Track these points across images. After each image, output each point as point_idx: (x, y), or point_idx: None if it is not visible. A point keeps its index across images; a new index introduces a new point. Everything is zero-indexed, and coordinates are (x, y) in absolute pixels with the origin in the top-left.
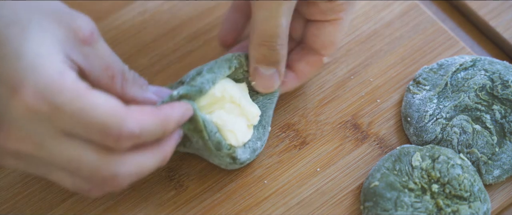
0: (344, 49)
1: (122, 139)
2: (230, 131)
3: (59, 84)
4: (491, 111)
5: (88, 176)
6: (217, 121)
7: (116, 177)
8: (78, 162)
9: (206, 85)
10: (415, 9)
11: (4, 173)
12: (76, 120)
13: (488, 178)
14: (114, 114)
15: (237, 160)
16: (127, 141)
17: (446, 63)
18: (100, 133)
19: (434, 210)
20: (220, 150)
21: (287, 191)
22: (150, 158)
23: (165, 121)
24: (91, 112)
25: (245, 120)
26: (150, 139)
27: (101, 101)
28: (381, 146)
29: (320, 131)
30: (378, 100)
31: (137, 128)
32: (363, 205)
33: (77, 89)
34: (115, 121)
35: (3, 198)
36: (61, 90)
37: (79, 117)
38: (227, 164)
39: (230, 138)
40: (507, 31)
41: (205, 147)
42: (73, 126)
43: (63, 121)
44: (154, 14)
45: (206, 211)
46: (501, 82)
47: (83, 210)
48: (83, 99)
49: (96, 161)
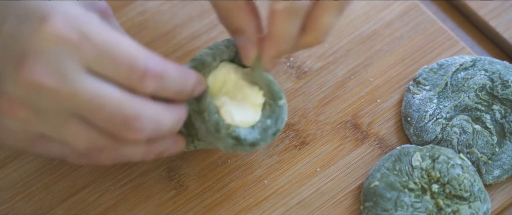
0: (344, 49)
1: (147, 76)
2: (227, 111)
3: (88, 17)
4: (491, 111)
5: (108, 117)
6: (216, 103)
7: (138, 119)
8: (100, 98)
9: (206, 58)
10: (415, 9)
11: (4, 173)
12: (103, 50)
13: (488, 178)
14: (140, 51)
15: (242, 140)
16: (151, 81)
17: (446, 63)
18: (127, 66)
19: (434, 210)
20: (219, 131)
21: (287, 191)
22: (167, 113)
23: (185, 76)
24: (119, 45)
25: (249, 101)
26: (170, 89)
27: (126, 40)
28: (381, 146)
29: (320, 131)
30: (378, 100)
31: (161, 68)
32: (363, 205)
33: (104, 25)
34: (142, 57)
35: (3, 198)
36: (90, 22)
37: (107, 48)
38: (233, 146)
39: (227, 118)
40: (507, 31)
41: (207, 130)
42: (100, 58)
43: (90, 52)
44: (154, 14)
45: (206, 211)
46: (501, 82)
47: (83, 210)
48: (111, 33)
49: (120, 97)
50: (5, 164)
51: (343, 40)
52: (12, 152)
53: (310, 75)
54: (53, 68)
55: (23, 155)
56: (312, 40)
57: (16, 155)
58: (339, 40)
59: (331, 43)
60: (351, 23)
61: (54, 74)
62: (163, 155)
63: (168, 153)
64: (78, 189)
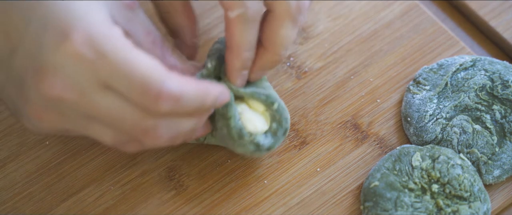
0: (344, 49)
1: (162, 99)
2: (248, 119)
3: (107, 34)
4: (491, 111)
5: (128, 128)
6: (239, 110)
7: (157, 128)
8: (118, 113)
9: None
10: (415, 9)
11: (4, 173)
12: (118, 70)
13: (488, 178)
14: (156, 71)
15: (261, 146)
16: (166, 103)
17: (446, 63)
18: (140, 89)
19: (434, 210)
20: (242, 138)
21: (287, 191)
22: (187, 120)
23: (204, 93)
24: (134, 65)
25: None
26: (188, 108)
27: (145, 59)
28: (381, 146)
29: (320, 131)
30: (378, 100)
31: (177, 90)
32: (363, 205)
33: (123, 43)
34: (157, 78)
35: (3, 198)
36: (108, 40)
37: (122, 68)
38: (252, 152)
39: (249, 126)
40: (507, 31)
41: (228, 135)
42: (115, 77)
43: (106, 70)
44: (154, 14)
45: (206, 211)
46: (501, 82)
47: (83, 210)
48: (128, 52)
49: (136, 112)
50: (5, 164)
51: (343, 40)
52: (12, 152)
53: (310, 75)
54: (71, 83)
55: (23, 155)
56: (272, 56)
57: (16, 155)
58: (339, 40)
59: (331, 43)
60: (351, 23)
61: (73, 89)
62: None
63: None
64: (78, 189)
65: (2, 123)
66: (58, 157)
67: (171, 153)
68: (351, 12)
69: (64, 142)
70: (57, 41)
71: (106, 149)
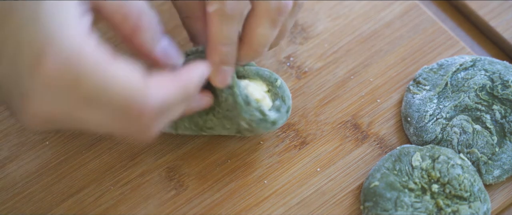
0: (344, 49)
1: (144, 116)
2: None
3: (81, 52)
4: (491, 111)
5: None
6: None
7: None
8: (107, 124)
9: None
10: (415, 9)
11: (4, 173)
12: (97, 91)
13: (488, 178)
14: (135, 87)
15: (267, 116)
16: (149, 116)
17: (446, 63)
18: (121, 109)
19: (434, 210)
20: (249, 104)
21: (287, 191)
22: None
23: (186, 87)
24: (111, 85)
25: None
26: (173, 105)
27: (122, 74)
28: (381, 146)
29: (320, 131)
30: (378, 100)
31: (159, 101)
32: (363, 205)
33: (97, 60)
34: (136, 96)
35: (3, 198)
36: (83, 59)
37: (101, 89)
38: (258, 120)
39: (255, 94)
40: (507, 31)
41: (234, 103)
42: (95, 97)
43: (84, 90)
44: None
45: (206, 211)
46: (501, 82)
47: (83, 210)
48: (103, 70)
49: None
50: (5, 164)
51: (343, 40)
52: (12, 152)
53: (310, 75)
54: (55, 105)
55: (23, 155)
56: (250, 52)
57: (16, 155)
58: (339, 40)
59: (331, 43)
60: (351, 23)
61: (58, 109)
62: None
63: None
64: (78, 189)
65: (2, 123)
66: (58, 157)
67: (171, 153)
68: (351, 12)
69: (64, 142)
70: (31, 65)
71: (106, 149)
